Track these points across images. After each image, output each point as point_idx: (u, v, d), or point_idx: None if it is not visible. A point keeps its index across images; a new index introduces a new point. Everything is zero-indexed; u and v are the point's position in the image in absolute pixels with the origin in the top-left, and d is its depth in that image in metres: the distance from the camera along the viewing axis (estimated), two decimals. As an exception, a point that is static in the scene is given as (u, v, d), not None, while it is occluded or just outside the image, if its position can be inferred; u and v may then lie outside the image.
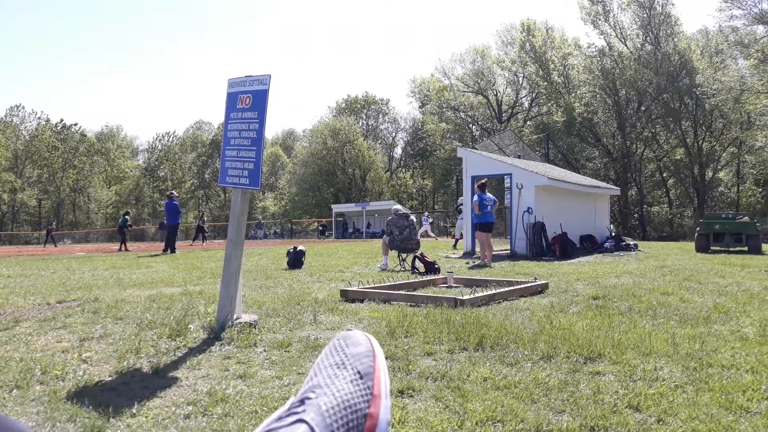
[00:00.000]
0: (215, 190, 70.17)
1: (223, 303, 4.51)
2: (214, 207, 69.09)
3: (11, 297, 6.48)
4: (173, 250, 16.07)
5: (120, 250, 20.10)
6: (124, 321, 4.84)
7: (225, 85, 5.02)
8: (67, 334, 4.46)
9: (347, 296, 5.92)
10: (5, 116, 64.54)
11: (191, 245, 24.28)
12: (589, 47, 45.28)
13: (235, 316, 4.50)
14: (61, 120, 66.42)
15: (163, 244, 18.15)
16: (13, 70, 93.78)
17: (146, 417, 2.66)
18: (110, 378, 3.31)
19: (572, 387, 2.92)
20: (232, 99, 4.96)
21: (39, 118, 65.64)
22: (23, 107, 65.00)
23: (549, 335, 4.00)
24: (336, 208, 40.82)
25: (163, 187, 64.71)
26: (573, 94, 45.59)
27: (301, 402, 0.65)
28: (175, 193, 18.14)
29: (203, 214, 38.37)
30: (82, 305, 5.69)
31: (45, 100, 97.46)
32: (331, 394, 0.66)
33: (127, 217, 22.09)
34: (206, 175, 71.32)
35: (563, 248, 12.72)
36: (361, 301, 5.70)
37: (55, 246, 32.16)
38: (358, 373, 0.69)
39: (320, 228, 42.10)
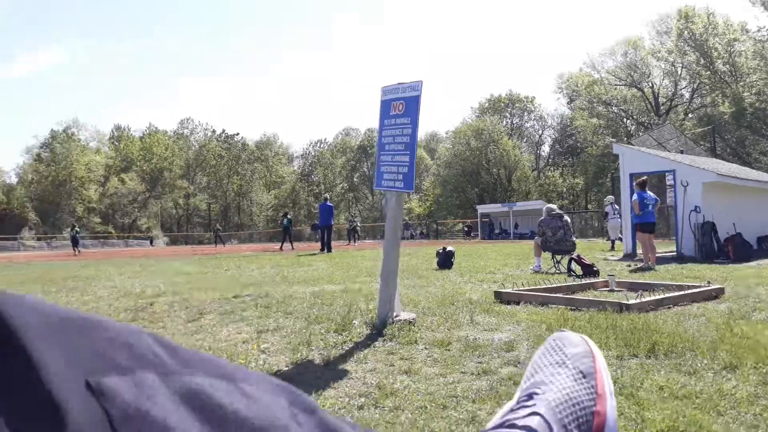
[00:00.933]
0: (363, 192, 72.82)
1: (382, 300, 4.69)
2: (363, 209, 71.64)
3: (194, 292, 7.23)
4: (330, 249, 16.95)
5: (281, 249, 21.57)
6: (293, 315, 5.21)
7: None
8: (245, 326, 4.89)
9: (502, 298, 5.86)
10: (177, 129, 72.10)
11: (347, 245, 25.42)
12: (758, 31, 40.62)
13: (394, 314, 4.66)
14: (224, 130, 72.74)
15: (318, 244, 19.23)
16: (179, 84, 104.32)
17: (323, 407, 2.85)
18: (287, 368, 3.58)
19: (765, 401, 2.66)
20: (385, 106, 5.12)
21: (205, 129, 72.49)
22: (192, 120, 72.20)
23: (730, 344, 3.67)
24: (481, 208, 40.45)
25: (317, 190, 68.38)
26: (742, 83, 41.14)
27: (529, 397, 0.68)
28: (327, 196, 19.17)
29: (355, 216, 39.95)
30: (255, 300, 6.21)
31: (209, 112, 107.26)
32: (557, 390, 0.68)
33: (289, 217, 23.63)
34: (355, 179, 74.22)
35: (738, 250, 11.55)
36: (517, 304, 5.62)
37: (224, 245, 35.30)
38: (581, 372, 0.71)
39: (466, 228, 41.96)
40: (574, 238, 9.90)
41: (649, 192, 10.47)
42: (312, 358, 3.78)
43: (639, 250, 11.16)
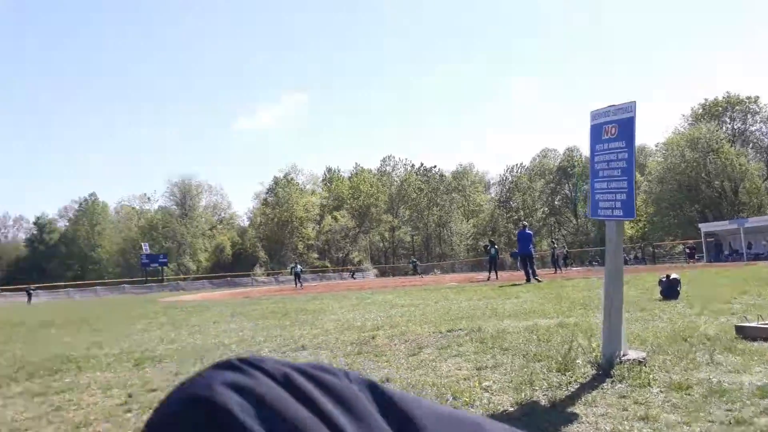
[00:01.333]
0: (566, 216, 70.03)
1: (607, 338, 4.45)
2: (567, 233, 68.81)
3: (410, 325, 7.54)
4: (537, 279, 16.48)
5: (488, 279, 21.53)
6: (510, 352, 5.17)
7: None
8: (463, 362, 4.97)
9: (745, 333, 5.20)
10: (380, 166, 76.81)
11: (554, 274, 24.63)
12: None
13: (621, 352, 4.38)
14: (422, 164, 75.81)
15: (520, 273, 18.83)
16: (377, 126, 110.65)
17: (556, 452, 2.78)
18: (512, 408, 3.56)
19: None
20: (596, 131, 4.94)
21: (405, 164, 76.26)
22: (393, 157, 76.53)
23: None
24: (705, 227, 36.42)
25: (516, 217, 67.51)
26: None
27: None
28: (526, 223, 18.79)
29: (559, 241, 38.48)
30: (470, 334, 6.28)
31: (404, 146, 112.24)
32: None
33: (496, 246, 23.55)
34: (556, 202, 71.77)
35: None
36: (765, 340, 4.93)
37: (422, 276, 36.56)
38: None
39: (688, 251, 38.00)
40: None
41: None
42: (537, 398, 3.71)
43: None
